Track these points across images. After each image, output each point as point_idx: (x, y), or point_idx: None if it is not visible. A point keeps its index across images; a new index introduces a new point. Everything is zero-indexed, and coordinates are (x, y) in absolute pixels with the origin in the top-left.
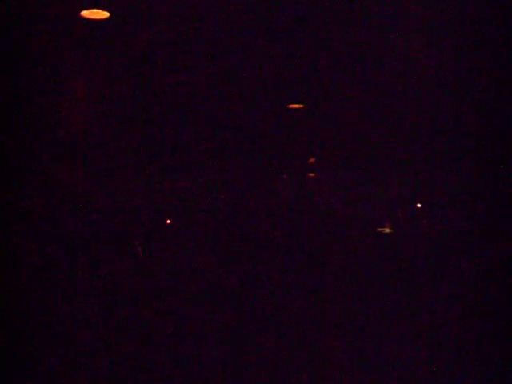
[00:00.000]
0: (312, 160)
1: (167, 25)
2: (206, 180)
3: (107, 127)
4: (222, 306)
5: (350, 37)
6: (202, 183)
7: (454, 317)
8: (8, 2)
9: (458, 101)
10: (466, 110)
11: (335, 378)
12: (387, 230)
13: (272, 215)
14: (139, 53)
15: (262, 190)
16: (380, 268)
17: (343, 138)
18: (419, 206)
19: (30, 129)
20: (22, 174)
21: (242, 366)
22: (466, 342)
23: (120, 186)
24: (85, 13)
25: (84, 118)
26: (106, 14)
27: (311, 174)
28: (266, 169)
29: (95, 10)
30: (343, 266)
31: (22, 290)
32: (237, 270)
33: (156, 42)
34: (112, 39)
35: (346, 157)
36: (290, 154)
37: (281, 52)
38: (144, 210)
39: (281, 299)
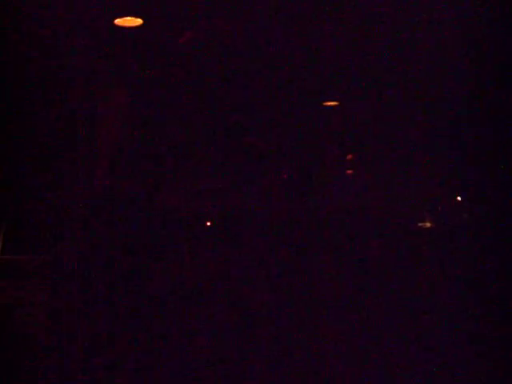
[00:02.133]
0: (350, 157)
1: (199, 31)
2: (244, 180)
3: (144, 133)
4: (267, 304)
5: (385, 35)
6: (240, 184)
7: (496, 309)
8: (42, 11)
9: (489, 96)
10: (498, 104)
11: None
12: (428, 225)
13: (311, 213)
14: (172, 59)
15: (301, 188)
16: (422, 263)
17: (381, 134)
18: (459, 199)
19: (69, 136)
20: (64, 179)
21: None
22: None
23: (163, 189)
24: (118, 21)
25: (120, 124)
26: (139, 22)
27: (349, 171)
28: (304, 167)
29: (128, 18)
30: (385, 261)
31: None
32: (277, 269)
33: (188, 47)
34: (145, 46)
35: (384, 153)
36: (328, 151)
37: (316, 50)
38: (185, 212)
39: (324, 296)
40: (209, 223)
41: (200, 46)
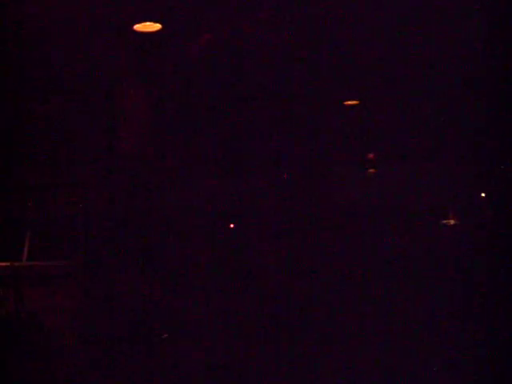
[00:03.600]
0: (372, 155)
1: (217, 34)
2: (268, 179)
3: (166, 136)
4: (296, 300)
5: (407, 34)
6: (264, 182)
7: None
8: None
9: None
10: None
11: None
12: (452, 222)
13: (335, 211)
14: (191, 62)
15: (324, 186)
16: (447, 259)
17: (405, 131)
18: (483, 195)
19: (90, 139)
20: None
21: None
22: None
23: (187, 191)
24: (138, 26)
25: (141, 128)
26: (157, 27)
27: (372, 170)
28: (327, 166)
29: (148, 23)
30: (409, 258)
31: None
32: (301, 266)
33: (207, 50)
34: (164, 50)
35: (408, 150)
36: (351, 149)
37: (336, 50)
38: (208, 213)
39: (351, 291)
40: (232, 225)
41: (218, 48)
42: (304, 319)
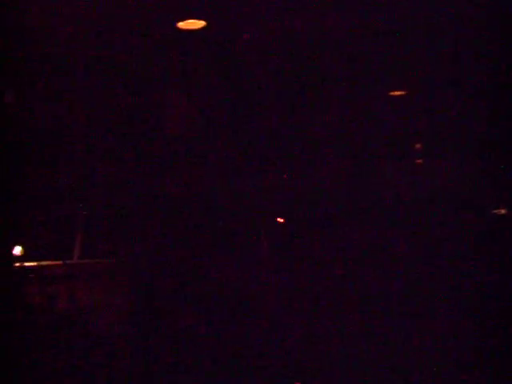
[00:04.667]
0: (419, 145)
1: (260, 31)
2: (315, 175)
3: (211, 133)
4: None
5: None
6: (310, 178)
7: None
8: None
9: None
10: None
11: None
12: (503, 212)
13: (381, 203)
14: (235, 60)
15: (370, 178)
16: (498, 250)
17: (451, 123)
18: None
19: (134, 138)
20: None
21: None
22: None
23: (236, 187)
24: (181, 24)
25: (185, 125)
26: (201, 24)
27: (419, 160)
28: (372, 157)
29: (191, 21)
30: (457, 250)
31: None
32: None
33: (251, 48)
34: (208, 48)
35: (455, 141)
36: (397, 140)
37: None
38: (258, 209)
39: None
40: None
41: (264, 44)
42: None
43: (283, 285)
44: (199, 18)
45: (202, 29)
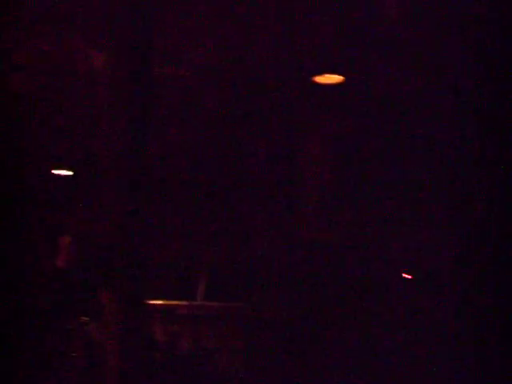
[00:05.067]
0: None
1: (398, 85)
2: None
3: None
4: None
5: None
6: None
7: None
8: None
9: None
10: None
11: None
12: None
13: None
14: (374, 115)
15: None
16: None
17: None
18: None
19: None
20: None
21: None
22: None
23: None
24: (318, 78)
25: (321, 178)
26: (339, 78)
27: None
28: None
29: (328, 75)
30: None
31: None
32: None
33: (390, 101)
34: (346, 102)
35: None
36: None
37: None
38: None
39: None
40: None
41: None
42: None
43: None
44: (336, 73)
45: (340, 83)
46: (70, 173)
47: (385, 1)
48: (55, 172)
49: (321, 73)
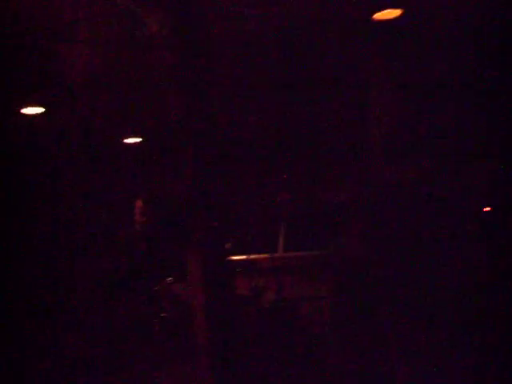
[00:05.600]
0: None
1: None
2: None
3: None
4: None
5: None
6: None
7: None
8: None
9: None
10: None
11: None
12: None
13: None
14: (433, 49)
15: None
16: None
17: None
18: None
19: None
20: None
21: None
22: None
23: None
24: (377, 15)
25: (388, 120)
26: (397, 12)
27: None
28: None
29: (387, 11)
30: None
31: None
32: None
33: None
34: (404, 37)
35: None
36: None
37: None
38: None
39: None
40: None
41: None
42: None
43: None
44: (395, 7)
45: (398, 18)
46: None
47: None
48: (128, 140)
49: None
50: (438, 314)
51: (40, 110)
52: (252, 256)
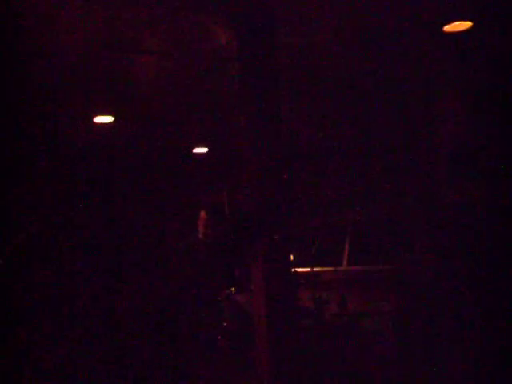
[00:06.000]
0: None
1: None
2: None
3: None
4: None
5: None
6: None
7: None
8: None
9: None
10: None
11: None
12: None
13: None
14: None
15: None
16: None
17: None
18: None
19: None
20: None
21: None
22: None
23: None
24: (447, 27)
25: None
26: (468, 24)
27: None
28: None
29: (457, 23)
30: None
31: None
32: None
33: None
34: (476, 48)
35: None
36: None
37: None
38: None
39: None
40: None
41: None
42: None
43: None
44: (466, 19)
45: (469, 30)
46: (206, 149)
47: None
48: (195, 150)
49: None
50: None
51: (110, 119)
52: (316, 268)
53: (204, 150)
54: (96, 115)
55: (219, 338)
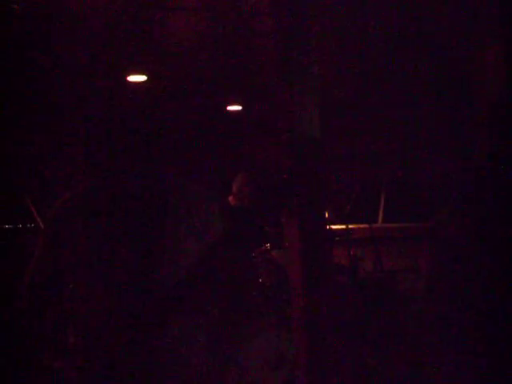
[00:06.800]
0: None
1: None
2: None
3: None
4: None
5: None
6: None
7: None
8: None
9: None
10: None
11: None
12: None
13: None
14: None
15: None
16: None
17: None
18: None
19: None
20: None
21: None
22: None
23: None
24: None
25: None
26: None
27: None
28: None
29: None
30: None
31: None
32: None
33: None
34: None
35: None
36: None
37: None
38: None
39: None
40: None
41: None
42: None
43: None
44: None
45: None
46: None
47: None
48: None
49: None
50: None
51: (143, 78)
52: (351, 225)
53: (238, 107)
54: (130, 74)
55: (254, 293)
